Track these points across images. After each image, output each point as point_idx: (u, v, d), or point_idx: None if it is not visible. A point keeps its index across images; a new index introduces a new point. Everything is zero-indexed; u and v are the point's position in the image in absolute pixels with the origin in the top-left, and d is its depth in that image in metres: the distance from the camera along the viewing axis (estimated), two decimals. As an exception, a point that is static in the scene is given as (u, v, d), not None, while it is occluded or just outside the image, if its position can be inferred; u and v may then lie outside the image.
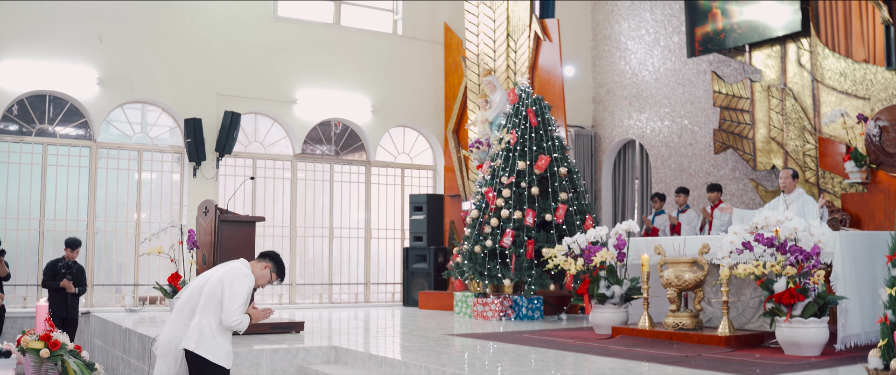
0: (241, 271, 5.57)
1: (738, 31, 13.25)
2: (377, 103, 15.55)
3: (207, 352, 5.45)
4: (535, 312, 11.22)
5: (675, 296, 8.11)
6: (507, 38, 14.64)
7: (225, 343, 5.54)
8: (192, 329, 5.51)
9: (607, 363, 6.61)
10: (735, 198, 13.58)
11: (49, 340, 5.52)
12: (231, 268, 5.60)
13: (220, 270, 5.67)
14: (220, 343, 5.52)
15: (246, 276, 5.55)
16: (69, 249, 11.15)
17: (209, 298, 5.52)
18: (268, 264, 5.80)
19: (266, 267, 5.78)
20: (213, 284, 5.56)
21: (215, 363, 5.47)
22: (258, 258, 5.85)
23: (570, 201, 11.61)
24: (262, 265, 5.78)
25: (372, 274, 15.63)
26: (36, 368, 5.51)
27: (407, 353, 7.52)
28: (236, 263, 5.65)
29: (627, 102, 15.94)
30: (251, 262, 5.78)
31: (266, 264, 5.79)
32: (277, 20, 14.80)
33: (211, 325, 5.48)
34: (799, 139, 12.38)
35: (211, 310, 5.50)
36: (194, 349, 5.43)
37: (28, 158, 12.94)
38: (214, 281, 5.57)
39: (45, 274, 11.16)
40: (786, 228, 6.99)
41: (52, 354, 5.50)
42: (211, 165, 13.87)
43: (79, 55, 13.10)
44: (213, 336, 5.48)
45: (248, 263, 5.74)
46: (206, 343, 5.45)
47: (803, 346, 6.80)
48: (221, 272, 5.62)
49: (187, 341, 5.47)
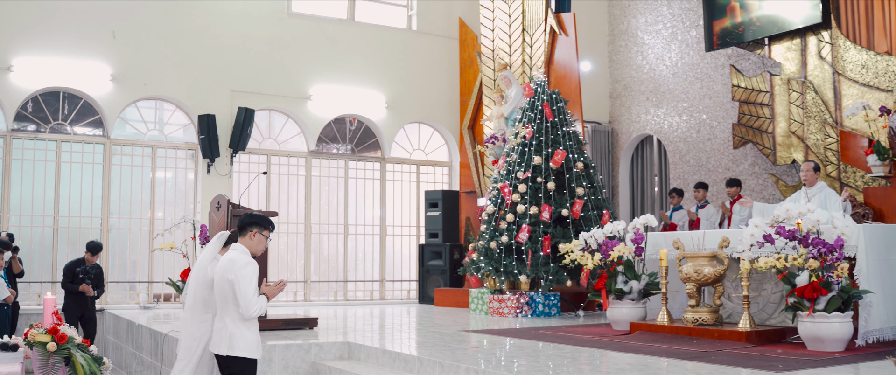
0: (242, 261, 5.44)
1: (757, 25, 13.05)
2: (392, 99, 15.45)
3: (242, 350, 5.48)
4: (552, 309, 11.09)
5: (694, 291, 7.95)
6: (523, 32, 14.50)
7: (252, 335, 5.56)
8: (218, 334, 5.53)
9: (625, 358, 6.49)
10: (755, 193, 13.40)
11: (56, 334, 5.44)
12: (229, 260, 5.47)
13: (219, 267, 5.56)
14: (249, 337, 5.53)
15: (247, 264, 5.44)
16: (90, 254, 11.04)
17: (224, 298, 5.49)
18: (253, 231, 5.63)
19: (253, 236, 5.62)
20: (220, 283, 5.50)
21: (249, 357, 5.53)
22: (240, 232, 5.65)
23: (587, 196, 11.48)
24: (249, 236, 5.62)
25: (387, 271, 15.53)
26: (43, 362, 5.43)
27: (421, 349, 7.41)
28: (232, 254, 5.51)
29: (645, 97, 15.78)
30: (240, 240, 5.62)
31: (252, 232, 5.62)
32: (291, 16, 14.72)
33: (236, 323, 5.48)
34: (820, 133, 12.19)
35: (231, 309, 5.48)
36: (228, 352, 5.47)
37: (42, 155, 12.91)
38: (220, 279, 5.50)
39: (64, 275, 11.09)
40: (808, 220, 6.83)
41: (59, 348, 5.42)
42: (225, 162, 13.81)
43: (92, 52, 13.06)
44: (240, 333, 5.49)
45: (241, 245, 5.59)
46: (237, 343, 5.48)
47: (826, 341, 6.64)
48: (222, 269, 5.51)
49: (218, 346, 5.51)
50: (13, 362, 5.57)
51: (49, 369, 5.42)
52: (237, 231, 5.72)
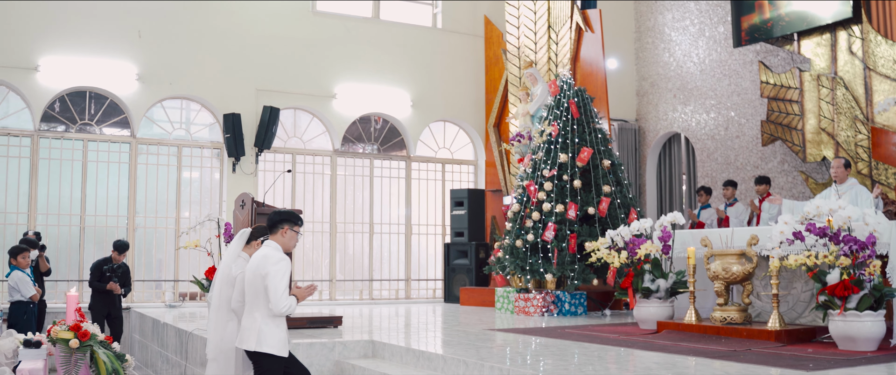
0: (275, 257, 5.46)
1: (786, 20, 12.88)
2: (417, 98, 15.40)
3: (270, 347, 5.46)
4: (579, 308, 10.99)
5: (722, 290, 7.84)
6: (549, 29, 14.40)
7: (280, 332, 5.55)
8: (246, 330, 5.52)
9: (652, 357, 6.39)
10: (784, 191, 13.22)
11: (79, 331, 5.42)
12: (263, 256, 5.49)
13: (252, 262, 5.57)
14: (277, 334, 5.52)
15: (280, 260, 5.45)
16: (116, 252, 11.09)
17: (256, 294, 5.49)
18: (284, 228, 5.65)
19: (285, 233, 5.64)
20: (252, 278, 5.50)
21: (276, 355, 5.50)
22: (270, 229, 5.68)
23: (614, 194, 11.37)
24: (280, 233, 5.64)
25: (412, 270, 15.49)
26: (65, 358, 5.43)
27: (445, 348, 7.36)
28: (266, 250, 5.53)
29: (672, 95, 15.63)
30: (271, 237, 5.64)
31: (283, 229, 5.65)
32: (316, 14, 14.71)
33: (265, 320, 5.48)
34: (850, 129, 12.00)
35: (261, 305, 5.47)
36: (255, 348, 5.45)
37: (69, 155, 12.98)
38: (252, 275, 5.50)
39: (92, 273, 11.13)
40: (839, 217, 6.70)
41: (82, 344, 5.42)
42: (250, 161, 13.83)
43: (118, 51, 13.12)
44: (269, 330, 5.48)
45: (273, 242, 5.61)
46: (265, 339, 5.46)
47: (858, 341, 6.51)
48: (255, 264, 5.52)
49: (246, 342, 5.49)
50: (37, 358, 5.57)
51: (72, 366, 5.41)
52: (265, 228, 5.74)
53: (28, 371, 5.35)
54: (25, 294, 9.52)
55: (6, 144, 12.62)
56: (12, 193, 12.62)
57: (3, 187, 12.56)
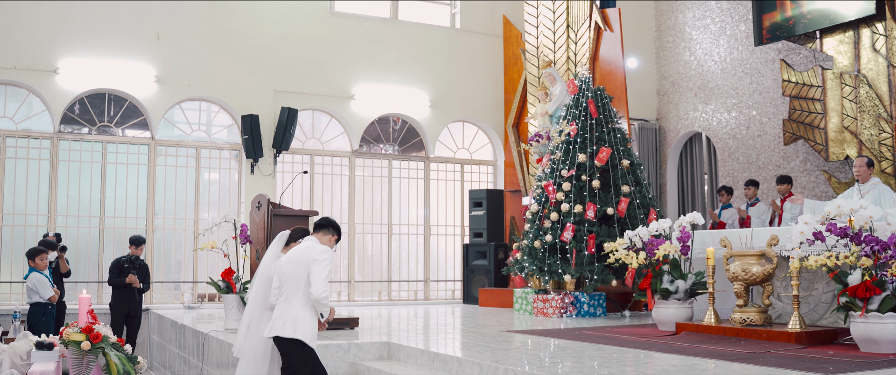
0: (320, 248, 5.66)
1: (809, 18, 12.72)
2: (436, 98, 15.35)
3: (304, 335, 5.57)
4: (597, 309, 10.90)
5: (742, 291, 7.73)
6: (567, 29, 14.32)
7: (314, 324, 5.67)
8: (280, 319, 5.61)
9: (670, 359, 6.30)
10: (806, 191, 13.07)
11: (90, 332, 5.41)
12: (306, 248, 5.68)
13: (293, 253, 5.73)
14: (312, 324, 5.65)
15: (326, 251, 5.66)
16: (134, 246, 11.15)
17: (295, 283, 5.61)
18: (331, 235, 5.90)
19: (331, 240, 5.89)
20: (293, 268, 5.63)
21: (309, 344, 5.61)
22: (317, 230, 5.89)
23: (633, 194, 11.27)
24: (329, 239, 5.88)
25: (431, 271, 15.44)
26: (77, 360, 5.41)
27: (461, 349, 7.30)
28: (308, 243, 5.74)
29: (693, 94, 15.49)
30: (314, 235, 5.87)
31: (331, 236, 5.90)
32: (334, 15, 14.70)
33: (303, 308, 5.61)
34: (874, 128, 11.83)
35: (301, 292, 5.59)
36: (293, 334, 5.54)
37: (88, 157, 13.04)
38: (294, 264, 5.64)
39: (110, 272, 11.16)
40: (860, 217, 6.59)
41: (94, 347, 5.39)
42: (268, 162, 13.83)
43: (137, 53, 13.16)
44: (306, 317, 5.61)
45: (315, 238, 5.82)
46: (301, 327, 5.57)
47: (880, 343, 6.38)
48: (297, 253, 5.68)
49: (282, 329, 5.58)
50: (49, 360, 5.56)
51: (83, 368, 5.40)
52: (304, 231, 6.01)
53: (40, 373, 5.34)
54: (44, 295, 9.55)
55: (26, 146, 12.68)
56: (32, 195, 12.68)
57: (23, 189, 12.62)
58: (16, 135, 12.62)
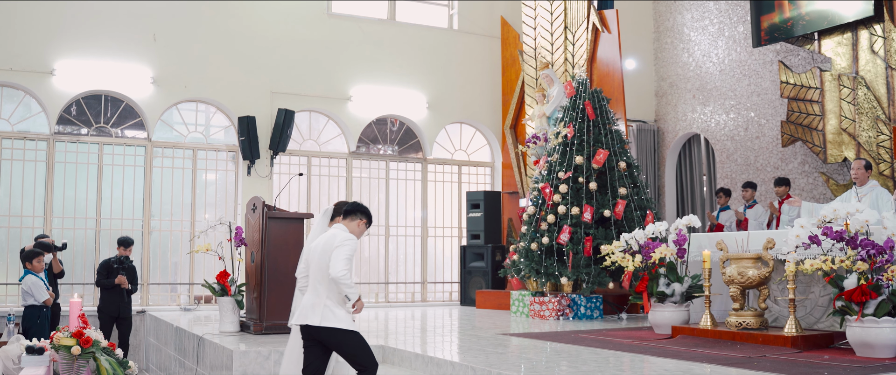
0: (343, 235, 5.66)
1: (807, 19, 12.69)
2: (433, 99, 15.32)
3: (340, 322, 5.56)
4: (594, 311, 10.87)
5: (738, 294, 7.70)
6: (565, 30, 14.28)
7: (345, 312, 5.65)
8: (310, 307, 5.64)
9: (666, 364, 6.27)
10: (804, 193, 13.03)
11: (81, 337, 5.38)
12: (331, 235, 5.71)
13: (320, 241, 5.78)
14: (344, 312, 5.63)
15: (349, 239, 5.66)
16: (122, 247, 11.15)
17: (322, 271, 5.63)
18: (360, 220, 5.90)
19: (359, 224, 5.90)
20: (320, 256, 5.67)
21: (347, 329, 5.60)
22: (346, 217, 5.90)
23: (630, 196, 11.24)
24: (356, 223, 5.89)
25: (429, 272, 15.40)
26: (68, 365, 5.38)
27: (456, 353, 7.27)
28: (334, 230, 5.77)
29: (691, 95, 15.46)
30: (343, 221, 5.87)
31: (359, 220, 5.90)
32: (331, 17, 14.66)
33: (331, 297, 5.61)
34: (872, 130, 11.80)
35: (326, 282, 5.62)
36: (320, 323, 5.56)
37: (84, 158, 13.00)
38: (319, 252, 5.69)
39: (98, 273, 11.16)
40: (856, 221, 6.55)
41: (84, 351, 5.36)
42: (265, 163, 13.79)
43: (133, 54, 13.12)
44: (335, 305, 5.60)
45: (342, 225, 5.83)
46: (332, 315, 5.57)
47: (876, 347, 6.35)
48: (323, 241, 5.72)
49: (310, 318, 5.60)
50: (40, 365, 5.52)
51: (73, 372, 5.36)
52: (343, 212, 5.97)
53: (30, 378, 5.31)
54: (39, 298, 9.53)
55: (22, 148, 12.65)
56: (28, 196, 12.65)
57: (19, 190, 12.59)
58: (12, 137, 12.59)
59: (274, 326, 8.70)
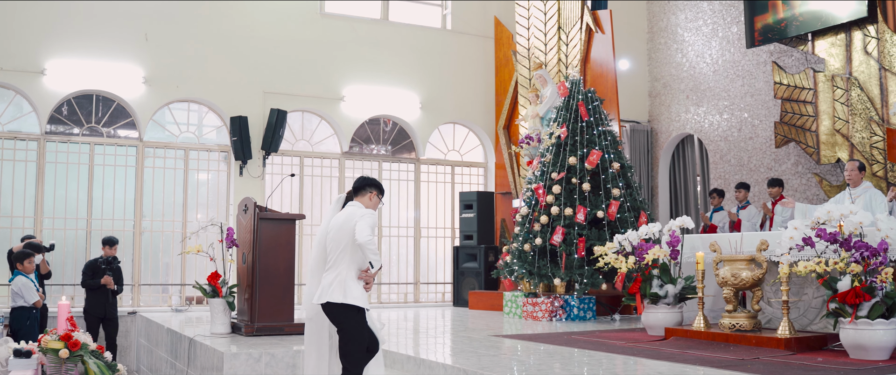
0: (361, 211, 5.70)
1: (800, 20, 12.67)
2: (426, 100, 15.27)
3: (355, 299, 5.59)
4: (587, 312, 10.84)
5: (731, 296, 7.67)
6: (559, 30, 14.25)
7: (362, 289, 5.70)
8: (328, 286, 5.65)
9: (658, 366, 6.24)
10: (798, 194, 13.02)
11: (69, 340, 5.32)
12: (349, 214, 5.73)
13: (337, 219, 5.79)
14: (360, 289, 5.67)
15: (369, 213, 5.70)
16: (107, 247, 11.09)
17: (342, 249, 5.66)
18: (372, 192, 5.93)
19: (371, 197, 5.92)
20: (337, 233, 5.70)
21: (361, 306, 5.63)
22: (357, 194, 5.94)
23: (623, 197, 11.20)
24: (368, 197, 5.91)
25: (422, 273, 15.36)
26: (55, 368, 5.32)
27: (446, 354, 7.23)
28: (351, 209, 5.78)
29: (685, 96, 15.44)
30: (357, 198, 5.91)
31: (371, 193, 5.92)
32: (324, 16, 14.60)
33: (350, 273, 5.65)
34: (865, 130, 11.79)
35: (347, 259, 5.65)
36: (343, 300, 5.58)
37: (75, 158, 12.92)
38: (337, 230, 5.71)
39: (84, 273, 11.07)
40: (850, 222, 6.53)
41: (72, 355, 5.31)
42: (257, 164, 13.73)
43: (125, 54, 13.05)
44: (353, 283, 5.64)
45: (357, 202, 5.86)
46: (350, 291, 5.61)
47: (870, 349, 6.33)
48: (341, 219, 5.74)
49: (331, 295, 5.62)
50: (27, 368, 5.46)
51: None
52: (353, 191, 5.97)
53: (17, 381, 5.25)
54: (29, 300, 9.46)
55: (13, 148, 12.57)
56: (19, 196, 12.57)
57: (9, 190, 12.51)
58: (2, 137, 12.50)
59: (265, 328, 8.65)
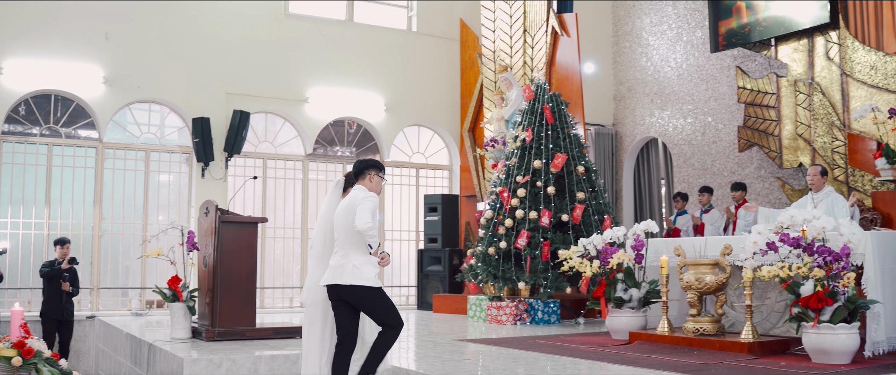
0: (362, 195, 5.74)
1: (764, 25, 12.77)
2: (391, 102, 15.18)
3: (366, 280, 5.63)
4: (552, 316, 10.82)
5: (695, 300, 7.68)
6: (524, 33, 14.24)
7: (373, 269, 5.72)
8: (337, 268, 5.69)
9: (622, 371, 6.22)
10: (761, 198, 13.10)
11: (22, 347, 5.17)
12: (353, 197, 5.77)
13: (342, 204, 5.83)
14: (370, 268, 5.70)
15: (370, 196, 5.75)
16: (59, 247, 10.93)
17: (347, 231, 5.69)
18: (371, 174, 5.93)
19: (372, 178, 5.93)
20: (343, 218, 5.74)
21: (373, 286, 5.68)
22: (358, 178, 5.95)
23: (588, 201, 11.20)
24: (368, 178, 5.92)
25: (386, 276, 15.26)
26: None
27: (410, 359, 7.16)
28: (355, 192, 5.82)
29: (649, 100, 15.49)
30: (359, 183, 5.92)
31: (370, 175, 5.93)
32: (288, 17, 14.47)
33: (358, 255, 5.68)
34: (827, 135, 11.89)
35: (352, 241, 5.69)
36: (351, 281, 5.63)
37: (33, 159, 12.68)
38: (343, 213, 5.74)
39: (43, 265, 10.95)
40: (813, 227, 6.55)
41: (26, 362, 5.16)
42: (219, 166, 13.56)
43: (84, 54, 12.83)
44: (363, 264, 5.67)
45: (361, 186, 5.87)
46: (360, 272, 5.64)
47: (832, 354, 6.35)
48: (345, 204, 5.78)
49: (341, 278, 5.66)
50: (-22, 376, 5.31)
51: (14, 384, 5.16)
52: (353, 176, 5.99)
53: (-33, 390, 5.10)
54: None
55: (-32, 148, 12.34)
56: (-26, 198, 12.33)
57: (-36, 192, 12.27)
58: (-43, 137, 12.27)
59: (226, 333, 8.53)
